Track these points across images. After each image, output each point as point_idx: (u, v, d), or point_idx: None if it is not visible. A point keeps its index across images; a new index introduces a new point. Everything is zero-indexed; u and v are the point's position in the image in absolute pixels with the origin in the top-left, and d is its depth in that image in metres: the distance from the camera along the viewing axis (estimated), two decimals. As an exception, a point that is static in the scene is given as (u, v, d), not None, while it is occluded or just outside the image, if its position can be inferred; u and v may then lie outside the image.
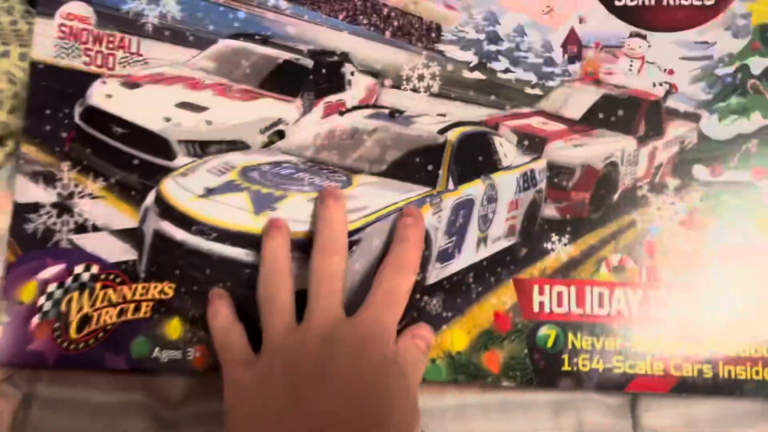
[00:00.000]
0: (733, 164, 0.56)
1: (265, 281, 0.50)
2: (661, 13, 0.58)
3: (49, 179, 0.57)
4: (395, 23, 0.60)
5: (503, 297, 0.55)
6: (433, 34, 0.60)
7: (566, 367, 0.54)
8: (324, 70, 0.62)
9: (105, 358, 0.55)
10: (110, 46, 0.60)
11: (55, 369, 0.56)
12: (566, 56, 0.58)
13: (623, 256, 0.56)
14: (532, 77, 0.59)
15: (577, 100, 0.60)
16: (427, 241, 0.55)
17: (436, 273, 0.56)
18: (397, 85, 0.59)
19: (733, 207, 0.56)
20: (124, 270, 0.56)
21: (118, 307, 0.55)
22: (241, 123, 0.60)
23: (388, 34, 0.61)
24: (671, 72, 0.58)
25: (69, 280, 0.56)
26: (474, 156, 0.58)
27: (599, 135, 0.59)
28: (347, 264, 0.51)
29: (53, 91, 0.59)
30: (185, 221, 0.53)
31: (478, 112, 0.59)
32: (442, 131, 0.58)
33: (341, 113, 0.62)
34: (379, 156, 0.58)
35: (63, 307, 0.55)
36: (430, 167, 0.57)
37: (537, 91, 0.59)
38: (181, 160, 0.58)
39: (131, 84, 0.60)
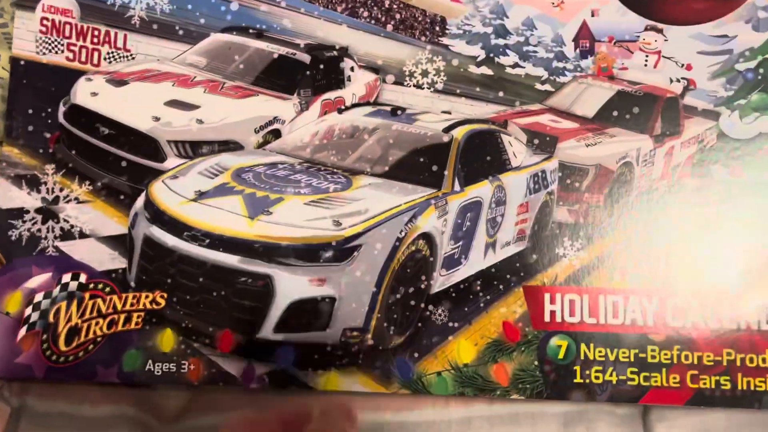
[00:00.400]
0: (755, 164, 0.54)
1: None
2: (678, 5, 0.56)
3: (33, 183, 0.56)
4: (397, 16, 0.59)
5: (513, 306, 0.54)
6: (438, 28, 0.58)
7: (578, 379, 0.52)
8: (322, 66, 0.61)
9: (96, 371, 0.53)
10: (95, 40, 0.58)
11: (44, 382, 0.54)
12: (578, 51, 0.57)
13: (638, 261, 0.54)
14: (543, 72, 0.57)
15: (590, 97, 0.58)
16: (432, 246, 0.53)
17: (442, 281, 0.54)
18: (399, 82, 0.57)
19: (754, 209, 0.54)
20: (113, 279, 0.54)
21: (108, 318, 0.53)
22: (234, 122, 0.59)
23: (389, 27, 0.59)
24: (689, 67, 0.56)
25: (56, 290, 0.54)
26: (481, 156, 0.57)
27: (613, 134, 0.58)
28: (347, 271, 0.49)
29: (35, 89, 0.57)
30: (176, 226, 0.51)
31: (486, 110, 0.57)
32: (448, 129, 0.57)
33: (340, 111, 0.61)
34: (381, 156, 0.57)
35: (51, 318, 0.53)
36: (434, 168, 0.56)
37: (547, 87, 0.57)
38: (172, 161, 0.57)
39: (118, 81, 0.58)
